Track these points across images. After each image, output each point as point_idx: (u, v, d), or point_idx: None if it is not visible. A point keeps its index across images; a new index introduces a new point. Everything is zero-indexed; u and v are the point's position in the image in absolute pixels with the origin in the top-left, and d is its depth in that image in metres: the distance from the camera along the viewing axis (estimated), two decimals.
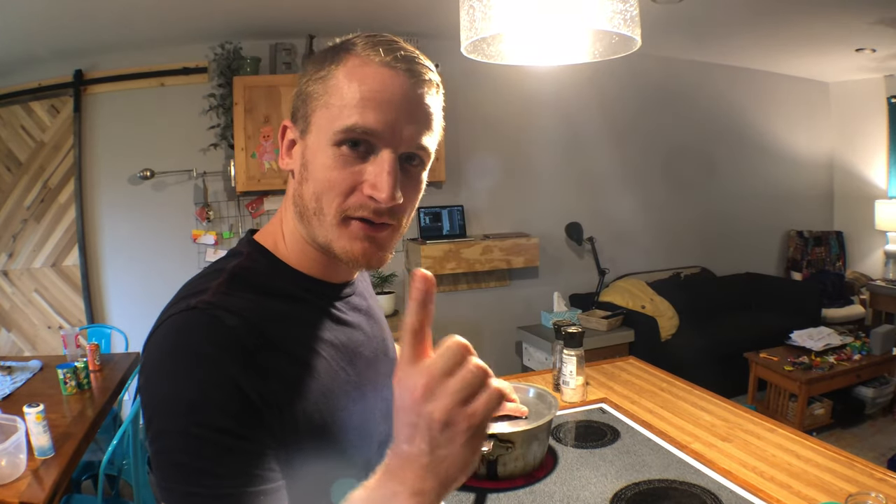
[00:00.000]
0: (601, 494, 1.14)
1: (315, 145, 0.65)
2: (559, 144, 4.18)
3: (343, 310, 0.74)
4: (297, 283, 0.70)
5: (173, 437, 0.55)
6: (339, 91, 0.63)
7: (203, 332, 0.58)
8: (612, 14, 1.01)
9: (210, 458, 0.54)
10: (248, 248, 0.71)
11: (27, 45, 3.00)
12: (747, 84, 4.77)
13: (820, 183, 5.22)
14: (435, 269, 3.64)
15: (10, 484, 1.61)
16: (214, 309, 0.59)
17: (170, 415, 0.56)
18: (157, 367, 0.58)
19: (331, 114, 0.63)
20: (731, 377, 3.62)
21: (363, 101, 0.62)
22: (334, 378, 0.68)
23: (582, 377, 1.61)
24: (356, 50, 0.64)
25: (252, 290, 0.64)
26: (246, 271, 0.67)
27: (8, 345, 3.35)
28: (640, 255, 4.47)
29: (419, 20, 3.40)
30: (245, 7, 2.85)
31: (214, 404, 0.55)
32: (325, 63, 0.66)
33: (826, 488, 1.14)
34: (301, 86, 0.67)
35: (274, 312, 0.64)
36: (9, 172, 3.28)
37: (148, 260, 3.38)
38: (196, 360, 0.56)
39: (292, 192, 0.69)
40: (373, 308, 0.83)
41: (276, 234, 0.72)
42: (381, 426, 0.76)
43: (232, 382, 0.56)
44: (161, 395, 0.57)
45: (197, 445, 0.54)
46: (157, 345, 0.59)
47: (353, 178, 0.63)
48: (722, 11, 3.29)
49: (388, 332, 0.86)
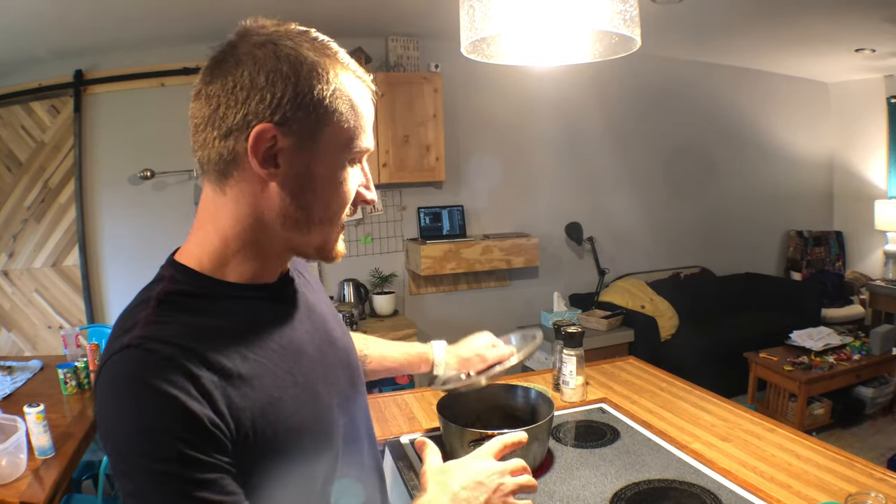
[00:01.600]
0: (601, 494, 1.14)
1: (328, 161, 0.66)
2: (559, 144, 4.18)
3: (278, 310, 0.73)
4: (226, 292, 0.68)
5: (136, 478, 0.56)
6: (353, 111, 0.67)
7: (142, 368, 0.58)
8: (612, 14, 1.01)
9: (172, 491, 0.55)
10: (170, 270, 0.69)
11: (27, 45, 3.00)
12: (747, 84, 4.77)
13: (820, 183, 5.22)
14: (435, 269, 3.64)
15: (10, 484, 1.61)
16: (147, 342, 0.59)
17: (128, 455, 0.56)
18: (107, 412, 0.58)
19: (346, 134, 0.67)
20: (731, 377, 3.62)
21: (367, 123, 0.70)
22: (280, 384, 0.67)
23: (582, 377, 1.61)
24: (340, 58, 0.68)
25: (181, 313, 0.63)
26: (171, 295, 0.65)
27: (8, 345, 3.36)
28: (640, 255, 4.47)
29: (419, 20, 3.40)
30: (245, 7, 2.85)
31: (168, 435, 0.56)
32: (324, 73, 0.64)
33: (826, 488, 1.14)
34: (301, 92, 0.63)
35: (208, 331, 0.63)
36: (9, 172, 3.28)
37: (148, 260, 3.34)
38: (142, 396, 0.56)
39: (280, 205, 0.65)
40: (311, 302, 0.81)
41: (202, 250, 0.68)
42: (339, 419, 0.75)
43: (181, 409, 0.56)
44: (116, 438, 0.57)
45: (160, 481, 0.55)
46: (102, 389, 0.59)
47: (354, 190, 0.72)
48: (722, 11, 3.29)
49: (333, 321, 0.84)
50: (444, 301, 4.03)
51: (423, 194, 3.89)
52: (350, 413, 0.79)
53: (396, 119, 3.52)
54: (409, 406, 1.64)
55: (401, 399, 1.68)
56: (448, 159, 3.75)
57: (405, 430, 1.46)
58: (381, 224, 3.85)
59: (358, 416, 0.82)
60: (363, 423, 0.84)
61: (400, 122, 3.53)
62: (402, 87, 3.53)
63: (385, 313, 3.71)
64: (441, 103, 3.62)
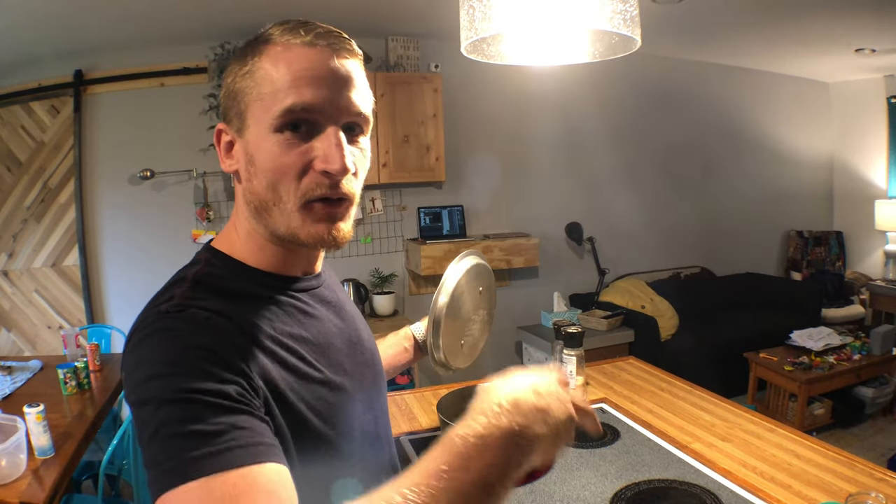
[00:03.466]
0: (601, 494, 1.14)
1: (257, 138, 0.65)
2: (559, 144, 4.18)
3: (310, 303, 0.73)
4: (258, 281, 0.69)
5: (156, 407, 0.52)
6: (269, 79, 0.63)
7: (181, 323, 0.58)
8: (612, 14, 1.01)
9: (198, 420, 0.51)
10: (206, 254, 0.71)
11: (27, 45, 3.00)
12: (747, 84, 4.77)
13: (820, 183, 5.22)
14: (435, 269, 3.64)
15: (10, 484, 1.61)
16: (185, 308, 0.59)
17: (156, 386, 0.53)
18: (137, 357, 0.57)
19: (265, 103, 0.63)
20: (731, 377, 3.62)
21: (295, 81, 0.62)
22: (307, 371, 0.67)
23: (582, 377, 1.60)
24: (274, 39, 0.65)
25: (216, 295, 0.64)
26: (207, 277, 0.67)
27: (8, 345, 3.36)
28: (640, 255, 4.47)
29: (419, 20, 3.40)
30: (245, 7, 2.85)
31: (196, 369, 0.54)
32: (246, 58, 0.66)
33: (826, 488, 1.13)
34: (227, 85, 0.67)
35: (238, 314, 0.63)
36: (9, 172, 3.28)
37: (148, 260, 3.38)
38: (174, 339, 0.56)
39: (243, 192, 0.69)
40: (343, 302, 0.82)
41: (230, 237, 0.72)
42: (362, 416, 0.75)
43: (213, 351, 0.56)
44: (146, 374, 0.55)
45: (180, 410, 0.52)
46: (134, 345, 0.58)
47: (302, 159, 0.64)
48: (722, 12, 3.29)
49: (362, 324, 0.85)
50: None
51: (423, 194, 3.89)
52: (373, 411, 0.80)
53: (396, 119, 3.52)
54: (409, 406, 1.64)
55: (401, 399, 1.68)
56: (448, 159, 3.75)
57: (405, 430, 1.46)
58: (380, 224, 3.85)
59: (380, 415, 0.83)
60: (383, 423, 0.85)
61: (400, 122, 3.53)
62: (402, 87, 3.53)
63: (385, 313, 3.71)
64: (441, 103, 3.62)
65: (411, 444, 1.39)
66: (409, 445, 1.38)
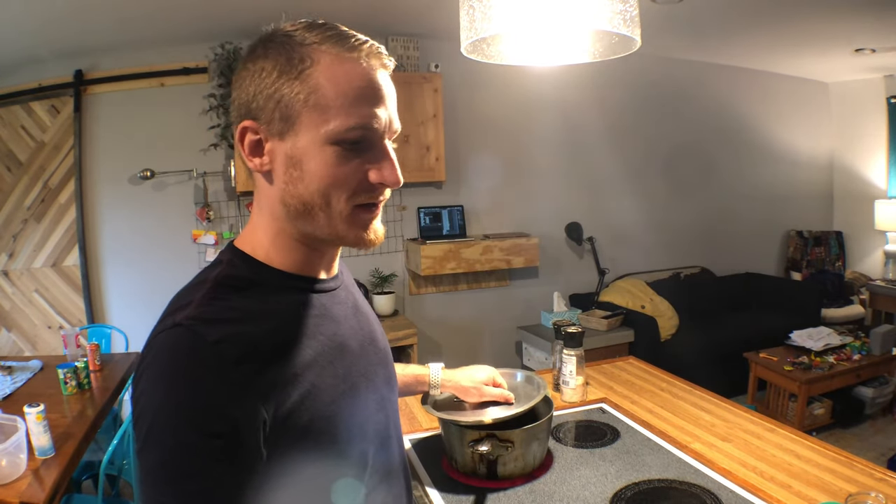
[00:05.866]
0: (601, 494, 1.14)
1: (309, 145, 0.65)
2: (559, 144, 4.18)
3: (328, 304, 0.75)
4: (279, 281, 0.70)
5: (152, 449, 0.57)
6: (324, 91, 0.65)
7: (186, 351, 0.60)
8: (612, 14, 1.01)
9: (179, 477, 0.56)
10: (228, 255, 0.72)
11: (27, 45, 3.00)
12: (747, 84, 4.77)
13: (820, 183, 5.22)
14: (435, 269, 3.64)
15: (10, 484, 1.61)
16: (197, 324, 0.61)
17: (154, 428, 0.58)
18: (146, 385, 0.60)
19: (324, 116, 0.65)
20: (731, 377, 3.62)
21: (357, 99, 0.65)
22: (322, 373, 0.68)
23: (582, 377, 1.61)
24: (320, 46, 0.65)
25: (237, 296, 0.66)
26: (228, 278, 0.68)
27: (8, 345, 3.36)
28: (640, 255, 4.47)
29: (419, 20, 3.40)
30: (245, 7, 2.85)
31: (196, 423, 0.57)
32: (293, 61, 0.65)
33: (826, 488, 1.14)
34: (264, 86, 0.66)
35: (259, 314, 0.65)
36: (9, 172, 3.28)
37: (148, 260, 3.38)
38: (179, 380, 0.59)
39: (279, 194, 0.68)
40: (359, 302, 0.84)
41: (253, 238, 0.72)
42: (375, 416, 0.77)
43: (215, 401, 0.58)
44: (149, 411, 0.59)
45: (171, 460, 0.56)
46: (147, 363, 0.62)
47: (359, 171, 0.67)
48: (722, 11, 3.29)
49: (376, 323, 0.87)
50: (444, 301, 4.03)
51: (423, 194, 3.89)
52: (385, 411, 0.81)
53: None
54: (409, 406, 1.64)
55: (401, 399, 1.68)
56: (448, 159, 3.75)
57: (405, 431, 1.46)
58: None
59: (391, 414, 0.84)
60: (395, 422, 0.86)
61: (400, 122, 3.52)
62: (402, 87, 3.53)
63: (385, 313, 3.71)
64: (441, 103, 3.62)
65: (411, 444, 1.39)
66: (409, 445, 1.38)
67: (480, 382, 1.26)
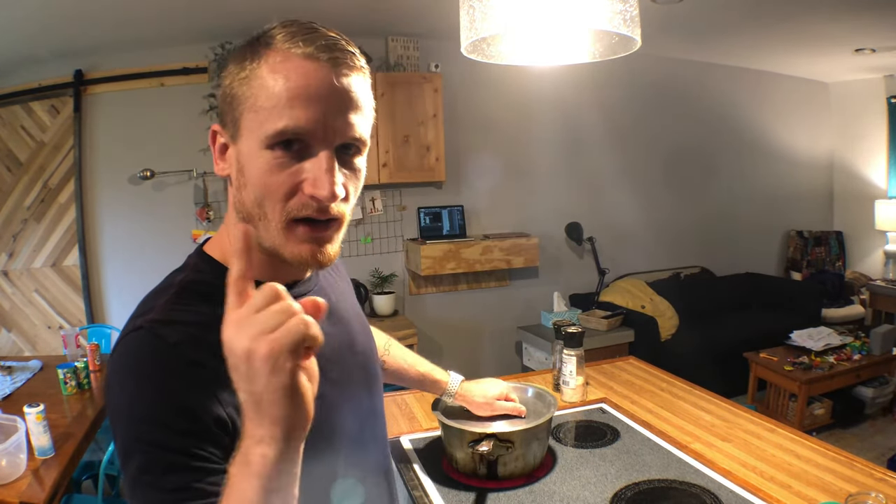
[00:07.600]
0: (601, 494, 1.14)
1: (248, 150, 0.63)
2: (559, 144, 4.18)
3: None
4: None
5: (126, 449, 0.58)
6: (265, 91, 0.61)
7: (147, 352, 0.60)
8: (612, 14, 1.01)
9: (154, 473, 0.56)
10: (194, 259, 0.71)
11: (27, 45, 3.00)
12: (747, 84, 4.77)
13: (820, 183, 5.22)
14: (435, 269, 3.64)
15: (10, 484, 1.61)
16: (157, 327, 0.61)
17: (122, 428, 0.59)
18: (112, 385, 0.62)
19: (259, 117, 0.61)
20: (731, 377, 3.62)
21: (290, 100, 0.60)
22: None
23: (582, 377, 1.61)
24: (275, 44, 0.62)
25: (201, 302, 0.65)
26: (193, 283, 0.67)
27: (8, 345, 3.36)
28: (640, 255, 4.47)
29: (419, 20, 3.40)
30: (245, 7, 2.85)
31: (158, 421, 0.57)
32: (245, 61, 0.63)
33: (826, 488, 1.14)
34: (224, 87, 0.65)
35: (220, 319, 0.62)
36: (9, 172, 3.28)
37: (148, 260, 3.37)
38: (142, 382, 0.59)
39: (233, 198, 0.68)
40: (339, 307, 0.81)
41: (221, 241, 0.71)
42: (345, 420, 0.76)
43: (175, 399, 0.58)
44: (114, 411, 0.60)
45: (143, 459, 0.57)
46: (112, 364, 0.63)
47: (291, 179, 0.62)
48: (722, 11, 3.29)
49: (358, 326, 0.85)
50: (444, 301, 4.03)
51: (423, 194, 3.89)
52: (359, 416, 0.80)
53: (396, 119, 3.52)
54: (409, 406, 1.64)
55: (401, 399, 1.68)
56: (448, 159, 3.75)
57: (405, 431, 1.46)
58: (381, 224, 3.85)
59: (367, 420, 0.83)
60: (372, 427, 0.85)
61: (400, 122, 3.53)
62: (402, 87, 3.53)
63: (385, 313, 3.71)
64: (441, 103, 3.62)
65: (411, 444, 1.39)
66: (409, 445, 1.38)
67: (493, 398, 1.27)
